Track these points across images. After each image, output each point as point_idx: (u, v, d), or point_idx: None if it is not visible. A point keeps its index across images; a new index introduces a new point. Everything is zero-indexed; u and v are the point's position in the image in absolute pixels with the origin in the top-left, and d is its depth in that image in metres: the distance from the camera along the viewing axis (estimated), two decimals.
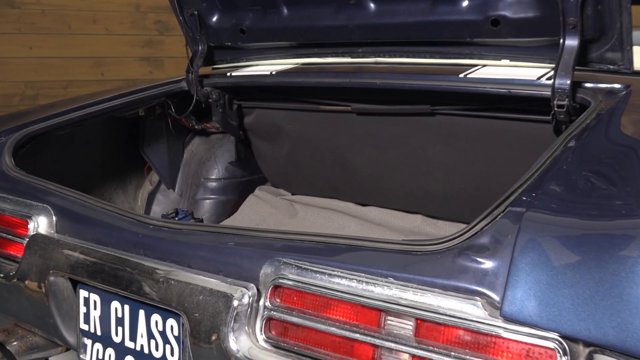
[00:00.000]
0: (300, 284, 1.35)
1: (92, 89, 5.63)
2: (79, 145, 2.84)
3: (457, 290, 1.21)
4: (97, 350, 1.74)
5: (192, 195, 3.20)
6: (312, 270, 1.36)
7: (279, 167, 3.11)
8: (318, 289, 1.33)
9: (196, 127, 3.10)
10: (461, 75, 2.18)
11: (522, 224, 1.21)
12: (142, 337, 1.64)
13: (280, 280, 1.38)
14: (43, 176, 2.11)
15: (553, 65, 2.01)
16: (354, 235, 1.47)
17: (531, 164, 2.35)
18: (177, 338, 1.58)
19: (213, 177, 3.19)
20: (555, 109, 1.93)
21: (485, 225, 1.28)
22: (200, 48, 2.76)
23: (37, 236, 1.84)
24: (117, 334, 1.71)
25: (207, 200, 3.18)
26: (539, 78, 2.06)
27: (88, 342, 1.76)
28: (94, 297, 1.74)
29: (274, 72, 2.61)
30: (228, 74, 2.77)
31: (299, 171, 3.05)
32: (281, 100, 2.83)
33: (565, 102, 1.90)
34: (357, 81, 2.38)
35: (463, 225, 2.73)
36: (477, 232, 1.27)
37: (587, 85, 1.96)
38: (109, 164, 3.06)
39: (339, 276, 1.32)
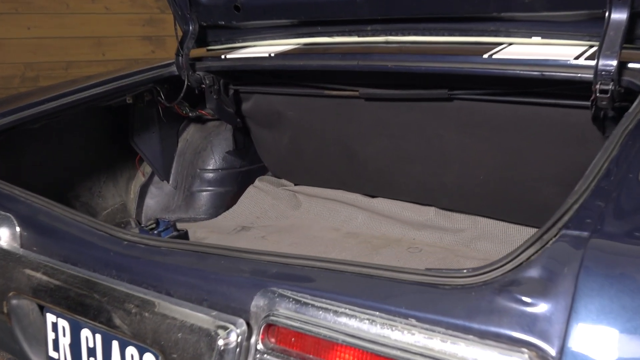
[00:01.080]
0: (298, 324, 1.10)
1: (93, 70, 5.37)
2: (60, 138, 2.59)
3: (498, 338, 0.95)
4: None
5: (187, 187, 2.96)
6: (313, 306, 1.10)
7: (281, 157, 2.85)
8: (321, 330, 1.08)
9: (190, 114, 2.85)
10: (485, 56, 1.90)
11: (587, 253, 0.94)
12: None
13: (275, 318, 1.13)
14: (15, 177, 1.87)
15: (592, 43, 1.73)
16: (366, 262, 1.20)
17: (564, 156, 2.11)
18: None
19: (210, 167, 2.95)
20: (598, 94, 1.65)
21: (533, 254, 1.01)
22: (190, 28, 2.49)
23: None
24: None
25: (204, 193, 2.94)
26: (576, 58, 1.77)
27: None
28: (63, 323, 1.50)
29: (272, 54, 2.33)
30: (222, 57, 2.50)
31: (302, 161, 2.79)
32: (281, 84, 2.56)
33: (610, 87, 1.62)
34: (365, 64, 2.10)
35: (482, 220, 2.55)
36: (522, 262, 1.00)
37: (636, 66, 1.67)
38: (97, 155, 2.82)
39: (347, 314, 1.06)
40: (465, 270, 1.04)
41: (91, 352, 1.45)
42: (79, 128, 2.69)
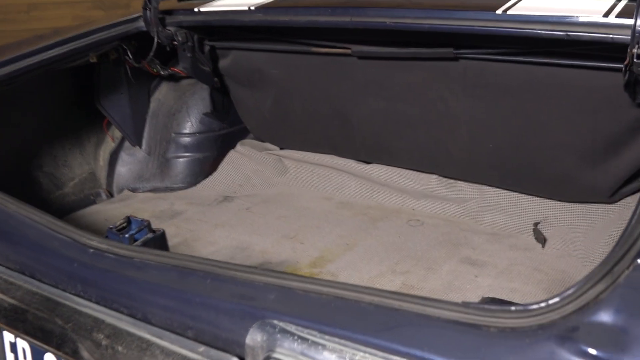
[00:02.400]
0: None
1: (60, 13, 4.95)
2: (17, 104, 2.33)
3: None
4: None
5: (162, 153, 2.71)
6: (325, 348, 0.89)
7: (264, 119, 2.60)
8: None
9: (162, 72, 2.57)
10: (498, 12, 1.67)
11: None
12: None
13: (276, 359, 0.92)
14: None
15: None
16: (386, 289, 0.98)
17: (586, 123, 1.90)
18: None
19: (186, 131, 2.70)
20: (635, 59, 1.43)
21: (602, 291, 0.80)
22: None
23: None
24: None
25: (181, 159, 2.70)
26: (605, 14, 1.55)
27: None
28: (23, 345, 1.28)
29: (252, 7, 2.06)
30: (196, 9, 2.22)
31: (288, 123, 2.55)
32: (264, 40, 2.29)
33: None
34: (360, 20, 1.85)
35: (489, 189, 2.34)
36: (589, 302, 0.79)
37: None
38: (59, 120, 2.56)
39: None
40: (514, 308, 0.83)
41: None
42: (38, 91, 2.42)
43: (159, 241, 1.25)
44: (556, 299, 0.82)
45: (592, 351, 0.76)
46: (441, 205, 2.30)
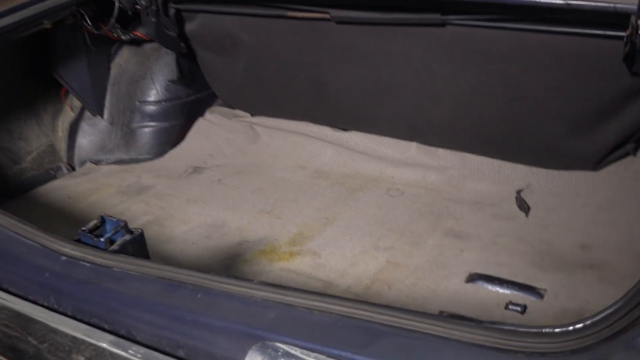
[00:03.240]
0: None
1: None
2: None
3: None
4: None
5: (126, 123, 2.56)
6: None
7: (235, 85, 2.48)
8: None
9: (123, 37, 2.41)
10: None
11: None
12: None
13: None
14: None
15: None
16: (400, 305, 0.91)
17: (577, 92, 1.83)
18: None
19: (151, 99, 2.55)
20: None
21: None
22: None
23: None
24: None
25: (146, 129, 2.57)
26: None
27: None
28: None
29: None
30: None
31: (260, 90, 2.43)
32: (234, 2, 2.13)
33: None
34: None
35: (470, 156, 2.28)
36: (628, 324, 0.73)
37: None
38: (11, 92, 2.40)
39: None
40: (545, 330, 0.77)
41: None
42: None
43: (138, 244, 1.15)
44: (589, 322, 0.76)
45: None
46: (421, 173, 2.24)
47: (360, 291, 1.70)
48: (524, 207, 2.04)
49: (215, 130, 2.56)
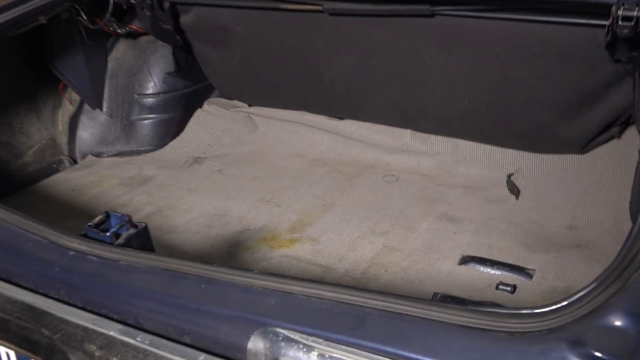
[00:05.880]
0: None
1: None
2: None
3: None
4: None
5: (125, 115, 2.61)
6: (332, 357, 0.88)
7: (231, 76, 2.52)
8: None
9: (119, 31, 2.44)
10: None
11: None
12: None
13: None
14: None
15: None
16: (388, 291, 0.97)
17: (563, 78, 1.88)
18: None
19: (149, 92, 2.59)
20: (620, 22, 1.40)
21: (613, 294, 0.80)
22: None
23: None
24: None
25: (146, 121, 2.61)
26: None
27: None
28: (6, 350, 1.24)
29: None
30: None
31: (257, 81, 2.48)
32: None
33: (635, 13, 1.37)
34: None
35: (462, 142, 2.32)
36: (599, 307, 0.79)
37: None
38: (10, 85, 2.40)
39: None
40: (524, 311, 0.83)
41: None
42: None
43: (142, 237, 1.20)
44: (565, 302, 0.82)
45: (603, 356, 0.76)
46: (415, 159, 2.29)
47: (358, 275, 1.77)
48: (514, 190, 2.10)
49: (214, 121, 2.61)
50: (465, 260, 1.79)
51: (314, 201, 2.16)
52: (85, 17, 2.23)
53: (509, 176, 2.14)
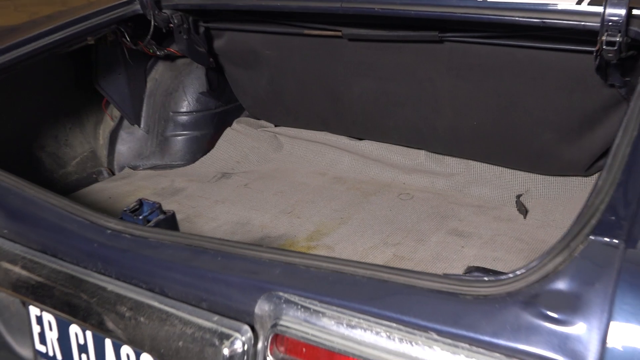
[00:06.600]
0: (310, 335, 1.03)
1: None
2: (18, 87, 2.40)
3: (528, 357, 0.89)
4: None
5: (160, 132, 2.80)
6: (324, 315, 1.03)
7: (259, 98, 2.70)
8: (334, 343, 1.01)
9: (158, 53, 2.65)
10: None
11: (624, 264, 0.87)
12: None
13: (283, 327, 1.06)
14: None
15: None
16: (377, 263, 1.11)
17: (563, 101, 2.02)
18: None
19: (183, 110, 2.78)
20: (604, 46, 1.54)
21: (560, 263, 0.94)
22: None
23: None
24: None
25: (179, 137, 2.80)
26: (579, 2, 1.65)
27: None
28: (48, 317, 1.41)
29: None
30: None
31: (282, 102, 2.65)
32: (257, 21, 2.37)
33: (617, 39, 1.51)
34: (350, 6, 1.94)
35: (475, 164, 2.45)
36: (549, 274, 0.93)
37: None
38: (59, 101, 2.63)
39: (362, 327, 0.99)
40: (487, 279, 0.97)
41: (82, 348, 1.37)
42: (38, 74, 2.49)
43: (170, 222, 1.37)
44: (522, 270, 0.95)
45: (551, 313, 0.90)
46: (430, 179, 2.42)
47: None
48: (522, 210, 2.19)
49: (242, 139, 2.79)
50: (470, 270, 1.89)
51: (332, 214, 2.29)
52: (128, 39, 2.44)
53: (518, 196, 2.25)
